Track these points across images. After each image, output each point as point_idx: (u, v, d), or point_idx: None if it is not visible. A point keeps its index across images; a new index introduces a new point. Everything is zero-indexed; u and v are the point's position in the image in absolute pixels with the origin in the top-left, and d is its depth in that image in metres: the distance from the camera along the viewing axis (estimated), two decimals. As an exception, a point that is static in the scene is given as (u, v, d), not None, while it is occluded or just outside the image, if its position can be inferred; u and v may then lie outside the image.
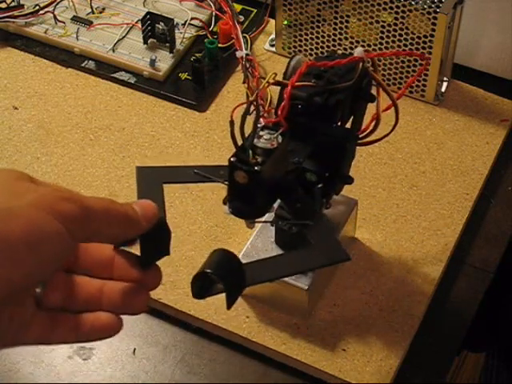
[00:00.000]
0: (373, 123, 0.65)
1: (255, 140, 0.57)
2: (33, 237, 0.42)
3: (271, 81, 0.62)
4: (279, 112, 0.59)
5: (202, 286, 0.53)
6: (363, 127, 0.66)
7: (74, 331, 0.49)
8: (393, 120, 0.65)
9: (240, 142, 0.58)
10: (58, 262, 0.44)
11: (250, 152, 0.57)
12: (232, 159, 0.56)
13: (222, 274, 0.52)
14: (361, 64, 0.62)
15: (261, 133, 0.58)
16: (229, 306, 0.53)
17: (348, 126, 0.65)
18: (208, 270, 0.51)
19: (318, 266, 0.62)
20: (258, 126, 0.58)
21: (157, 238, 0.49)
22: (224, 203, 0.59)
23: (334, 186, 0.64)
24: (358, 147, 0.66)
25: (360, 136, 0.66)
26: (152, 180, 0.60)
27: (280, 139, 0.58)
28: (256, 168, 0.56)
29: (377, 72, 0.64)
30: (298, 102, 0.61)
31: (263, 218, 0.62)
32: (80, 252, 0.50)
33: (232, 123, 0.57)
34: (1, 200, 0.43)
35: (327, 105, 0.61)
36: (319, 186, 0.62)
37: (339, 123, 0.64)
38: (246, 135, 0.57)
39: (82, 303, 0.49)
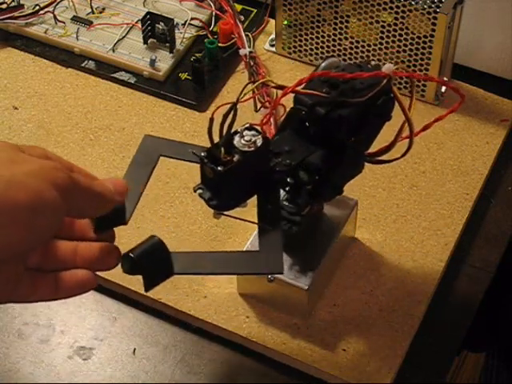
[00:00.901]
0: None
1: (237, 139, 0.58)
2: (36, 204, 0.45)
3: (271, 84, 0.62)
4: (264, 119, 0.60)
5: (131, 266, 0.55)
6: (382, 146, 0.65)
7: (54, 288, 0.52)
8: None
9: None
10: (55, 228, 0.48)
11: (222, 150, 0.58)
12: (202, 154, 0.58)
13: (143, 260, 0.55)
14: (385, 81, 0.60)
15: (245, 133, 0.58)
16: (146, 289, 0.56)
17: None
18: (131, 254, 0.54)
19: (249, 272, 0.64)
20: (246, 126, 0.59)
21: (114, 209, 0.54)
22: (194, 191, 0.60)
23: (323, 191, 0.64)
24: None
25: (371, 153, 0.65)
26: (152, 150, 0.63)
27: (259, 143, 0.58)
28: (219, 168, 0.57)
29: (414, 92, 0.63)
30: (301, 107, 0.61)
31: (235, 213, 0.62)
32: None
33: (211, 120, 0.58)
34: (2, 168, 0.46)
35: (328, 117, 0.61)
36: (308, 187, 0.62)
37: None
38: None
39: (59, 263, 0.53)
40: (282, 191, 0.65)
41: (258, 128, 0.59)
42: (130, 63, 0.88)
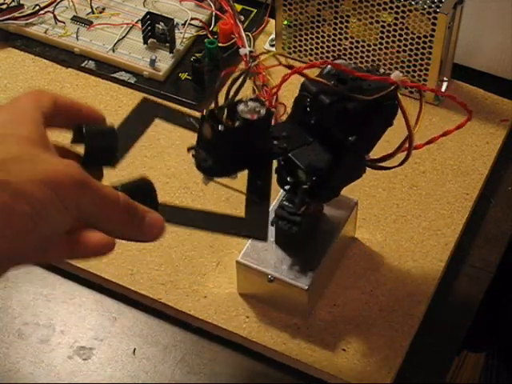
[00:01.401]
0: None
1: (240, 107, 0.57)
2: (38, 215, 0.46)
3: (281, 60, 0.62)
4: (273, 90, 0.60)
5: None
6: (384, 154, 0.65)
7: (69, 248, 0.51)
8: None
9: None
10: (57, 234, 0.48)
11: (226, 112, 0.57)
12: (204, 112, 0.57)
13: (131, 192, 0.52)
14: (392, 87, 0.61)
15: (249, 103, 0.58)
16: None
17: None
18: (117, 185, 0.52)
19: (234, 233, 0.61)
20: (251, 97, 0.58)
21: (103, 145, 0.53)
22: (188, 151, 0.60)
23: (320, 192, 0.64)
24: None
25: (372, 159, 0.65)
26: (147, 111, 0.62)
27: (263, 114, 0.58)
28: (220, 127, 0.56)
29: (422, 103, 0.63)
30: (306, 94, 0.61)
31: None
32: None
33: (222, 81, 0.58)
34: (16, 168, 0.46)
35: (331, 107, 0.61)
36: (305, 186, 0.62)
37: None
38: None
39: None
40: (282, 191, 0.65)
41: (263, 100, 0.59)
42: (129, 63, 0.88)
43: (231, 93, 0.58)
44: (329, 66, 0.63)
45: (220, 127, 0.56)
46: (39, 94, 0.52)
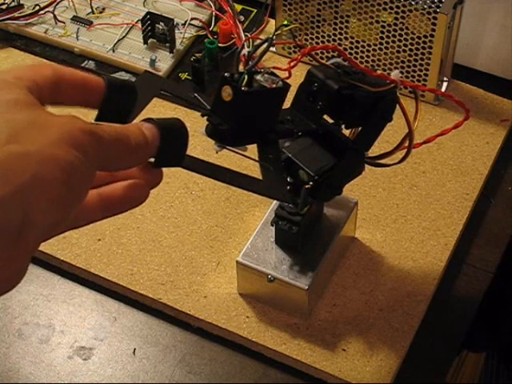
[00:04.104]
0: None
1: (258, 76, 0.58)
2: (71, 178, 0.43)
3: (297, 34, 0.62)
4: (292, 62, 0.60)
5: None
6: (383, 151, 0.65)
7: (102, 205, 0.49)
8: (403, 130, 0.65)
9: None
10: (87, 191, 0.46)
11: (246, 77, 0.57)
12: (225, 74, 0.57)
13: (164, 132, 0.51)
14: (392, 85, 0.61)
15: (266, 75, 0.58)
16: (156, 165, 0.51)
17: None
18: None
19: (259, 192, 0.59)
20: (270, 69, 0.59)
21: (120, 99, 0.50)
22: (202, 116, 0.59)
23: (322, 192, 0.64)
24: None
25: (372, 156, 0.66)
26: (150, 83, 0.60)
27: (280, 85, 0.58)
28: (243, 88, 0.57)
29: (418, 102, 0.64)
30: (314, 79, 0.61)
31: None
32: None
33: (242, 46, 0.57)
34: (25, 140, 0.42)
35: (339, 92, 0.61)
36: (307, 186, 0.62)
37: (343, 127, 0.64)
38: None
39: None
40: None
41: (278, 75, 0.59)
42: (129, 63, 0.88)
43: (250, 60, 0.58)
44: (331, 60, 0.63)
45: (244, 88, 0.57)
46: (21, 68, 0.47)
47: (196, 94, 0.59)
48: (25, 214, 0.40)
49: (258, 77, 0.58)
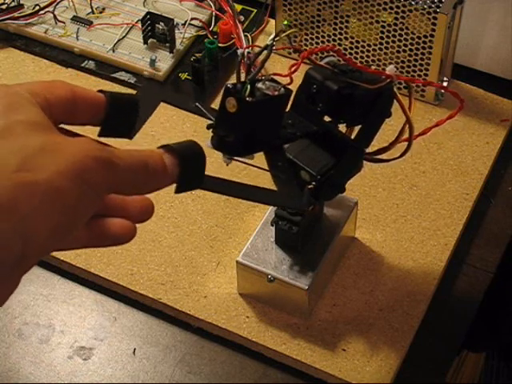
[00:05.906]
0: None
1: (259, 84, 0.57)
2: (75, 210, 0.42)
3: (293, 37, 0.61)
4: (292, 68, 0.60)
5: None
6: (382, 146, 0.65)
7: (88, 235, 0.48)
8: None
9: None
10: (88, 219, 0.44)
11: (249, 87, 0.57)
12: (229, 85, 0.57)
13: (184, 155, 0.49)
14: (388, 80, 0.61)
15: (266, 82, 0.58)
16: (177, 191, 0.50)
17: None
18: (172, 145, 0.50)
19: (278, 204, 0.61)
20: (271, 76, 0.58)
21: (122, 114, 0.50)
22: (207, 128, 0.59)
23: (325, 191, 0.64)
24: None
25: (370, 152, 0.66)
26: (153, 97, 0.60)
27: (283, 92, 0.58)
28: (248, 98, 0.56)
29: (412, 96, 0.64)
30: (313, 81, 0.61)
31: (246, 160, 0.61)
32: None
33: (242, 54, 0.57)
34: (38, 163, 0.41)
35: (339, 92, 0.61)
36: (310, 186, 0.62)
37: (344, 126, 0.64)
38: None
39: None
40: None
41: (279, 82, 0.59)
42: (130, 63, 0.88)
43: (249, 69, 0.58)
44: (326, 59, 0.63)
45: (248, 98, 0.57)
46: (35, 84, 0.46)
47: (197, 104, 0.59)
48: (24, 244, 0.40)
49: (260, 85, 0.58)
